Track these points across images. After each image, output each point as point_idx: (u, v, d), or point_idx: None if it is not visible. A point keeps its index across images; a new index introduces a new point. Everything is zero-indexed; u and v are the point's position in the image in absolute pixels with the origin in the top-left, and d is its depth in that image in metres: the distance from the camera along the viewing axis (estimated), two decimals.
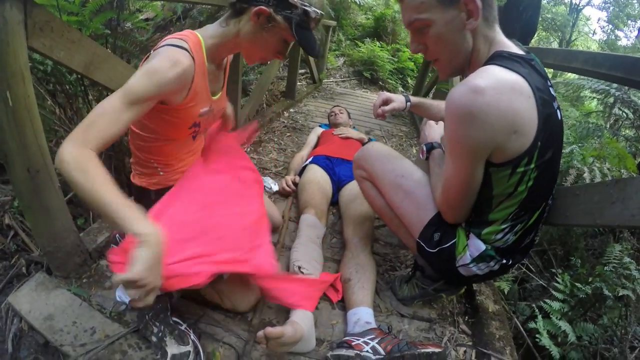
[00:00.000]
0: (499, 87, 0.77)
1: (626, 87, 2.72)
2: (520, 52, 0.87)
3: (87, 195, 0.68)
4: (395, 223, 1.19)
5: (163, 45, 0.87)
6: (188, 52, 0.88)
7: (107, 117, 0.74)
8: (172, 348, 0.92)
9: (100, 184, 0.68)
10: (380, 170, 1.18)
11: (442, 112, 1.33)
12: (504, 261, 1.02)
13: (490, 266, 1.02)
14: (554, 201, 1.05)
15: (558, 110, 0.89)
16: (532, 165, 0.86)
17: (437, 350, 0.92)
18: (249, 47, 0.98)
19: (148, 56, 0.90)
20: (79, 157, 0.69)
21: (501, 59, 0.83)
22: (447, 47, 0.88)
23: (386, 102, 1.35)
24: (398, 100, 1.35)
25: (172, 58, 0.84)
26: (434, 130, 1.24)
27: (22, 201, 1.04)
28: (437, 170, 1.07)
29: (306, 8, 0.92)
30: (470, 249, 1.01)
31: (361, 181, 1.29)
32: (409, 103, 1.36)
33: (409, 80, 6.04)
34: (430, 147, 1.16)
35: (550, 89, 0.87)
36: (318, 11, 0.95)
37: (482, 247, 1.00)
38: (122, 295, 1.09)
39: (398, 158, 1.20)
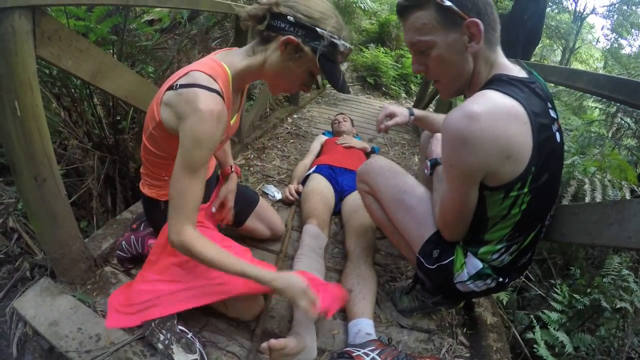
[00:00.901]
0: (493, 113, 0.77)
1: None
2: (521, 75, 0.87)
3: (211, 266, 0.91)
4: (397, 237, 1.19)
5: (195, 85, 0.84)
6: (221, 95, 0.87)
7: (188, 195, 0.88)
8: (179, 356, 0.93)
9: (221, 259, 0.90)
10: (383, 185, 1.18)
11: None
12: (501, 279, 1.03)
13: (487, 284, 1.04)
14: (553, 218, 1.06)
15: (557, 133, 0.89)
16: (526, 190, 0.86)
17: None
18: (275, 77, 0.97)
19: (172, 86, 0.88)
20: (189, 241, 0.87)
21: (499, 83, 0.84)
22: (448, 69, 0.88)
23: (390, 115, 1.35)
24: (402, 114, 1.35)
25: (213, 114, 0.83)
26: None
27: (29, 209, 1.04)
28: (439, 187, 1.08)
29: (335, 41, 0.90)
30: (468, 267, 1.02)
31: (364, 195, 1.29)
32: (412, 116, 1.37)
33: (412, 87, 6.05)
34: (435, 163, 1.15)
35: (551, 111, 0.88)
36: (347, 45, 0.93)
37: (479, 265, 1.01)
38: None
39: (401, 174, 1.19)
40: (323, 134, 2.66)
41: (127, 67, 1.38)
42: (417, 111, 1.39)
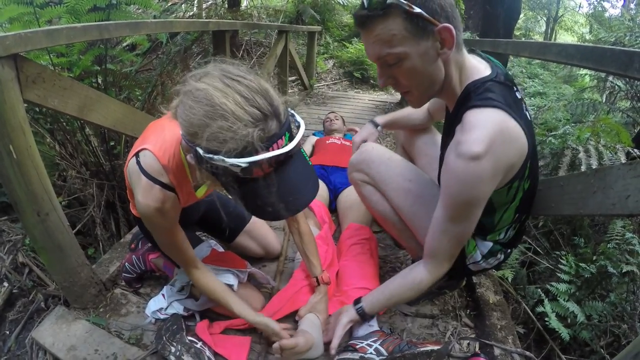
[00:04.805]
0: (494, 147, 0.77)
1: None
2: (487, 73, 0.87)
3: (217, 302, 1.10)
4: (398, 228, 1.18)
5: (143, 173, 0.86)
6: (166, 187, 0.87)
7: (174, 250, 1.03)
8: None
9: (223, 297, 1.08)
10: (387, 175, 1.13)
11: (417, 119, 1.35)
12: (509, 250, 1.10)
13: (498, 259, 1.09)
14: (540, 192, 1.09)
15: (526, 112, 0.91)
16: (526, 175, 0.91)
17: (436, 347, 0.96)
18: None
19: (137, 153, 0.88)
20: (201, 282, 1.07)
21: (478, 94, 0.83)
22: (421, 79, 0.84)
23: (364, 140, 1.35)
24: (370, 134, 1.36)
25: (150, 208, 0.87)
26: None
27: (36, 243, 1.09)
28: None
29: (216, 159, 0.63)
30: (480, 248, 1.06)
31: (361, 185, 1.21)
32: (379, 127, 1.37)
33: None
34: None
35: (517, 94, 0.89)
36: (243, 162, 0.62)
37: (490, 245, 1.06)
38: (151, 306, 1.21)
39: (402, 161, 1.17)
40: (313, 134, 2.68)
41: (112, 98, 1.42)
42: (380, 120, 1.38)
